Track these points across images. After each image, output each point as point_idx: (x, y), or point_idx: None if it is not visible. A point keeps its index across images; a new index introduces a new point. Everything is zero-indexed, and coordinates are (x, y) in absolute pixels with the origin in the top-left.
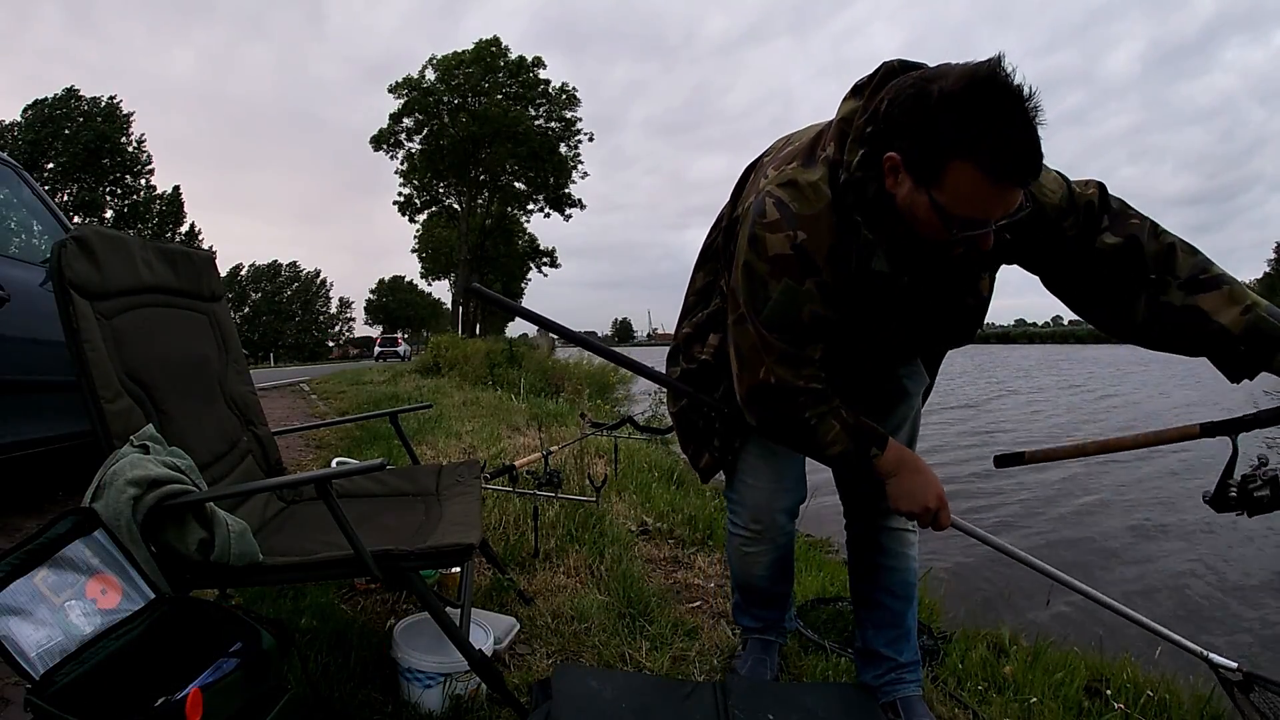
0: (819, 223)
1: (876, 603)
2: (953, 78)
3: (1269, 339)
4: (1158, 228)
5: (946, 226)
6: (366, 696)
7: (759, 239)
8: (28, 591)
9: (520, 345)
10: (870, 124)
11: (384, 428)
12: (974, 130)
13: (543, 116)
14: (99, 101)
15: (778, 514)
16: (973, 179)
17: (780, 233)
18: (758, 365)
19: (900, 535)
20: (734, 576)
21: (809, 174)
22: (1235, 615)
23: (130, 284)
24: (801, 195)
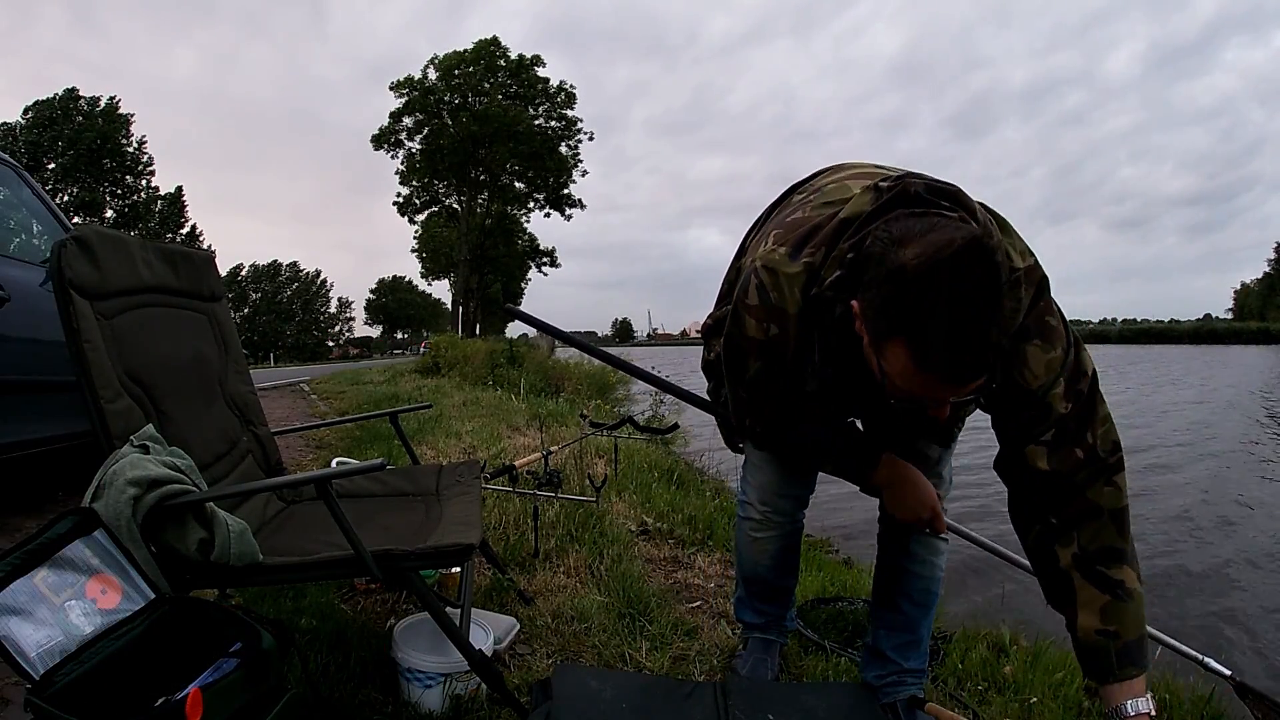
0: (786, 327)
1: (894, 605)
2: (916, 250)
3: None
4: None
5: (889, 396)
6: (366, 696)
7: (741, 316)
8: (28, 591)
9: (520, 345)
10: (853, 251)
11: (384, 428)
12: (912, 315)
13: (543, 116)
14: (99, 102)
15: (785, 500)
16: (905, 362)
17: (757, 321)
18: (744, 415)
19: (930, 541)
20: (740, 566)
21: (790, 268)
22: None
23: (130, 284)
24: (779, 288)
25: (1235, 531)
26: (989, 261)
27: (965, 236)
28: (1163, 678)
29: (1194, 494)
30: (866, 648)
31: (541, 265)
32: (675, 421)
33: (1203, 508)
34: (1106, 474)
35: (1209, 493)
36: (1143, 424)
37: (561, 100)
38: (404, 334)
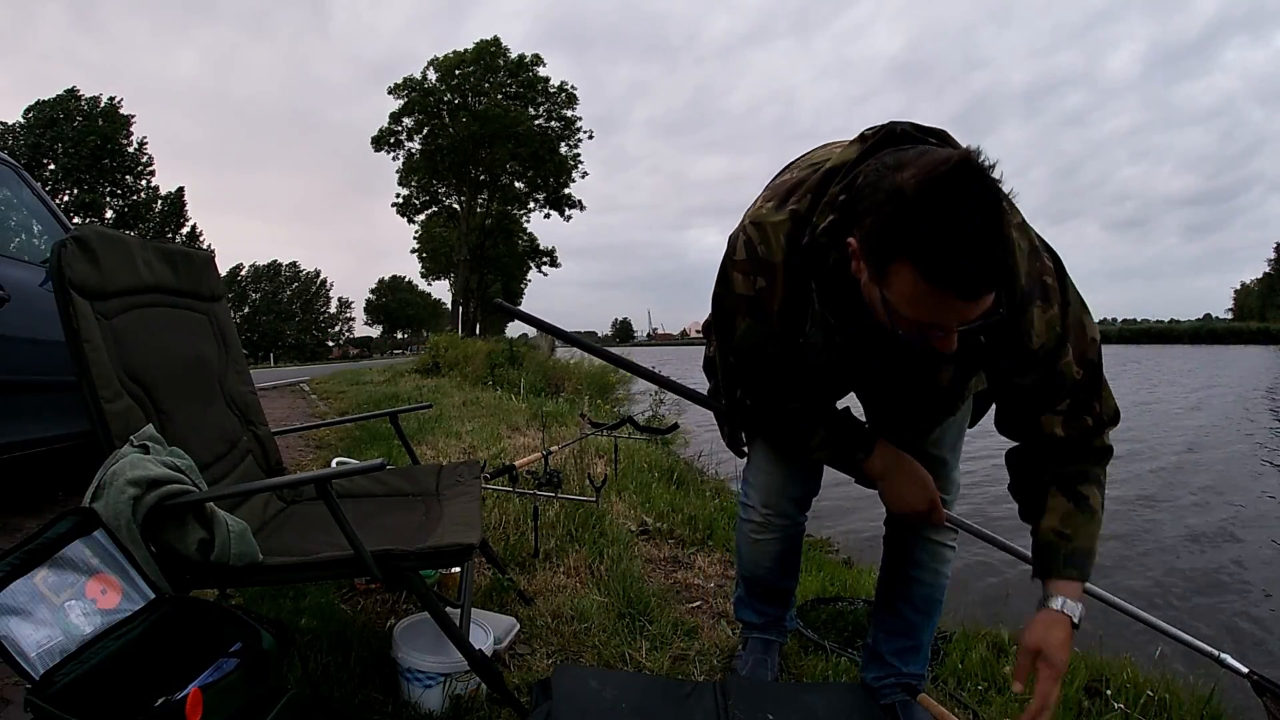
0: (776, 275)
1: (894, 610)
2: (913, 170)
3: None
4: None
5: (894, 327)
6: (366, 696)
7: (729, 275)
8: (28, 591)
9: (520, 345)
10: (845, 193)
11: (384, 428)
12: (916, 232)
13: (543, 116)
14: (99, 102)
15: (786, 501)
16: (914, 282)
17: (744, 275)
18: (734, 385)
19: (936, 549)
20: (741, 566)
21: (776, 216)
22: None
23: (130, 284)
24: (767, 240)
25: (1243, 530)
26: (985, 176)
27: (960, 154)
28: (1163, 678)
29: (1208, 492)
30: (866, 648)
31: (541, 265)
32: (675, 421)
33: (1212, 506)
34: (1104, 431)
35: (1221, 492)
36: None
37: (562, 100)
38: (404, 334)
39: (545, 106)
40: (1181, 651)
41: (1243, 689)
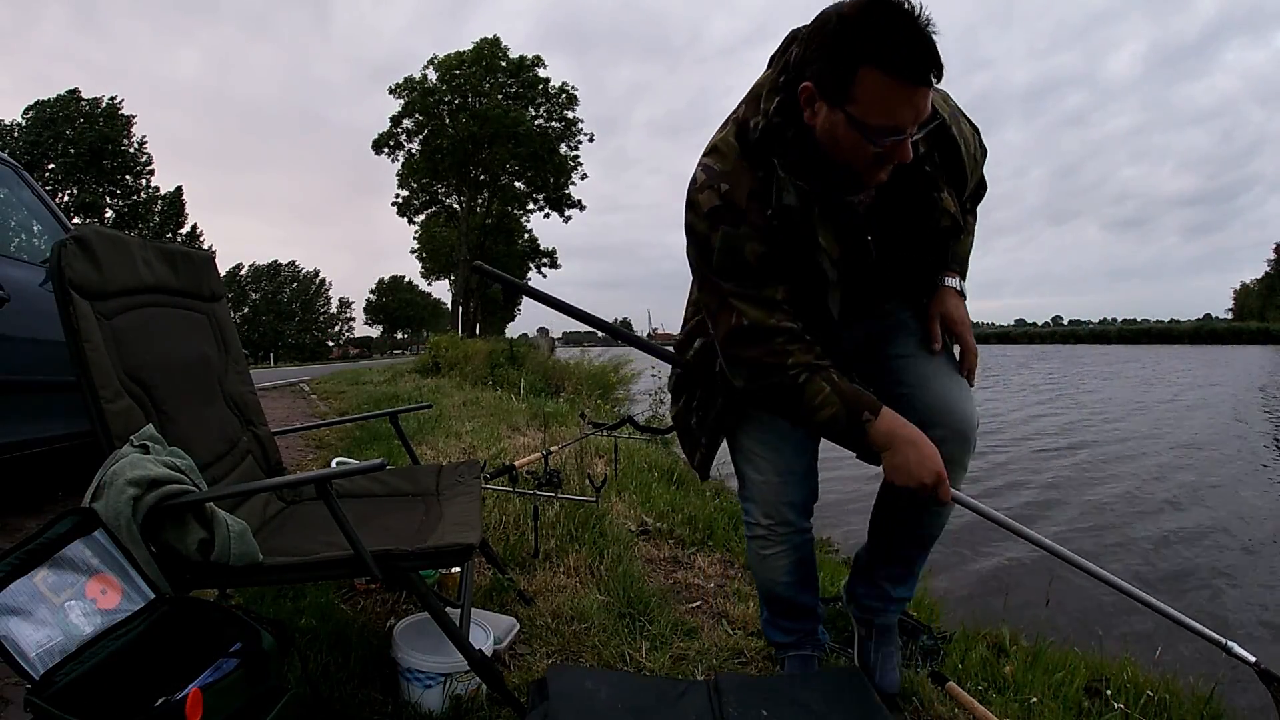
0: (736, 172)
1: (893, 538)
2: (847, 5)
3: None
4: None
5: (867, 138)
6: (366, 696)
7: (694, 202)
8: (28, 591)
9: (520, 345)
10: (782, 74)
11: (384, 428)
12: (873, 36)
13: (543, 116)
14: (99, 102)
15: (786, 508)
16: (880, 82)
17: (708, 190)
18: (727, 315)
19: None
20: (759, 586)
21: (720, 134)
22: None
23: (130, 284)
24: (719, 154)
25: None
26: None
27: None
28: (1163, 678)
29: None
30: (858, 564)
31: (541, 266)
32: None
33: (1193, 504)
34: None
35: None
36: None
37: (562, 101)
38: (404, 334)
39: (545, 107)
40: (1182, 651)
41: (1244, 688)
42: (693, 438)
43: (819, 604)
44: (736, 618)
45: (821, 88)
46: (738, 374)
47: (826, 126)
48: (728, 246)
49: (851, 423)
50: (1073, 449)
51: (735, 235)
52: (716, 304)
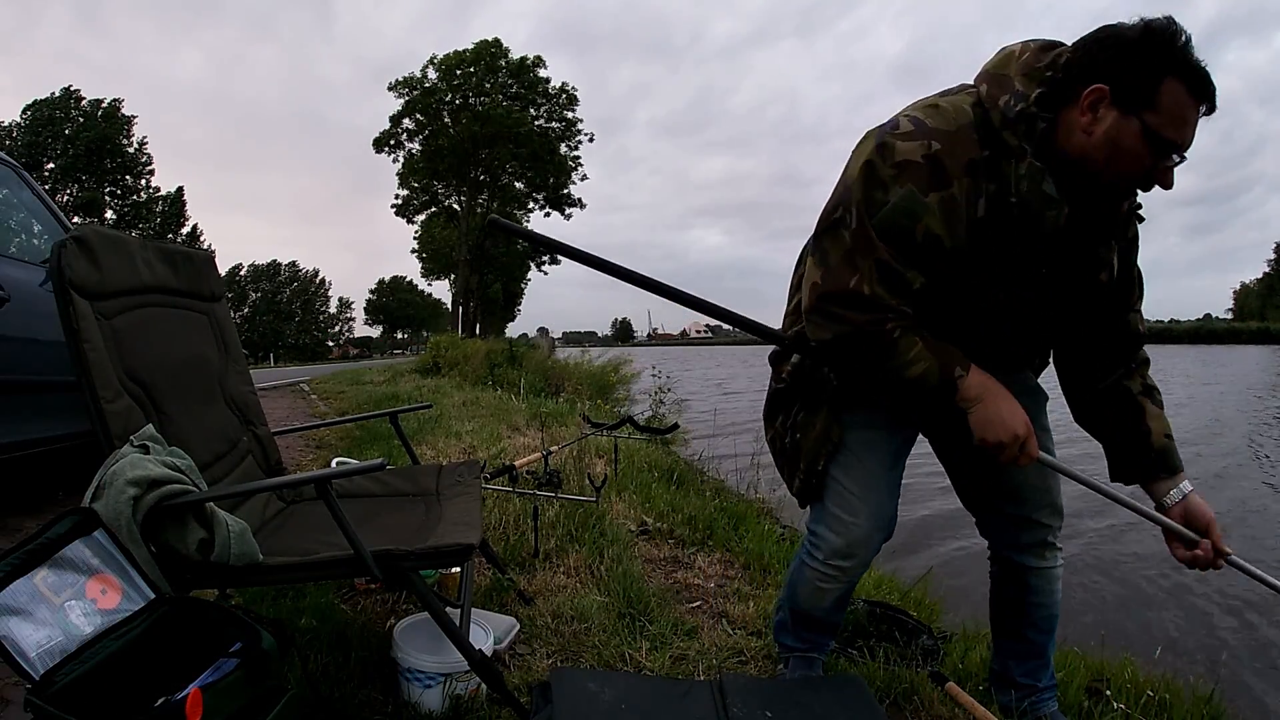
0: (959, 136)
1: (1020, 636)
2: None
3: (1165, 465)
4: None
5: (1153, 151)
6: (366, 696)
7: (888, 146)
8: (28, 591)
9: (520, 345)
10: (1051, 70)
11: (384, 428)
12: (1179, 51)
13: (543, 116)
14: (100, 103)
15: (864, 553)
16: (1180, 96)
17: (913, 142)
18: (848, 273)
19: (1048, 574)
20: (793, 601)
21: (951, 99)
22: None
23: (130, 284)
24: (940, 113)
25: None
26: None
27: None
28: (1163, 678)
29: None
30: (994, 674)
31: (541, 264)
32: (675, 421)
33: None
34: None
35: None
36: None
37: (563, 101)
38: (404, 334)
39: (545, 107)
40: (1182, 652)
41: (1244, 689)
42: (791, 462)
43: (842, 618)
44: (736, 618)
45: (1117, 92)
46: (827, 328)
47: (1111, 133)
48: (905, 208)
49: (943, 378)
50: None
51: (919, 202)
52: (841, 257)
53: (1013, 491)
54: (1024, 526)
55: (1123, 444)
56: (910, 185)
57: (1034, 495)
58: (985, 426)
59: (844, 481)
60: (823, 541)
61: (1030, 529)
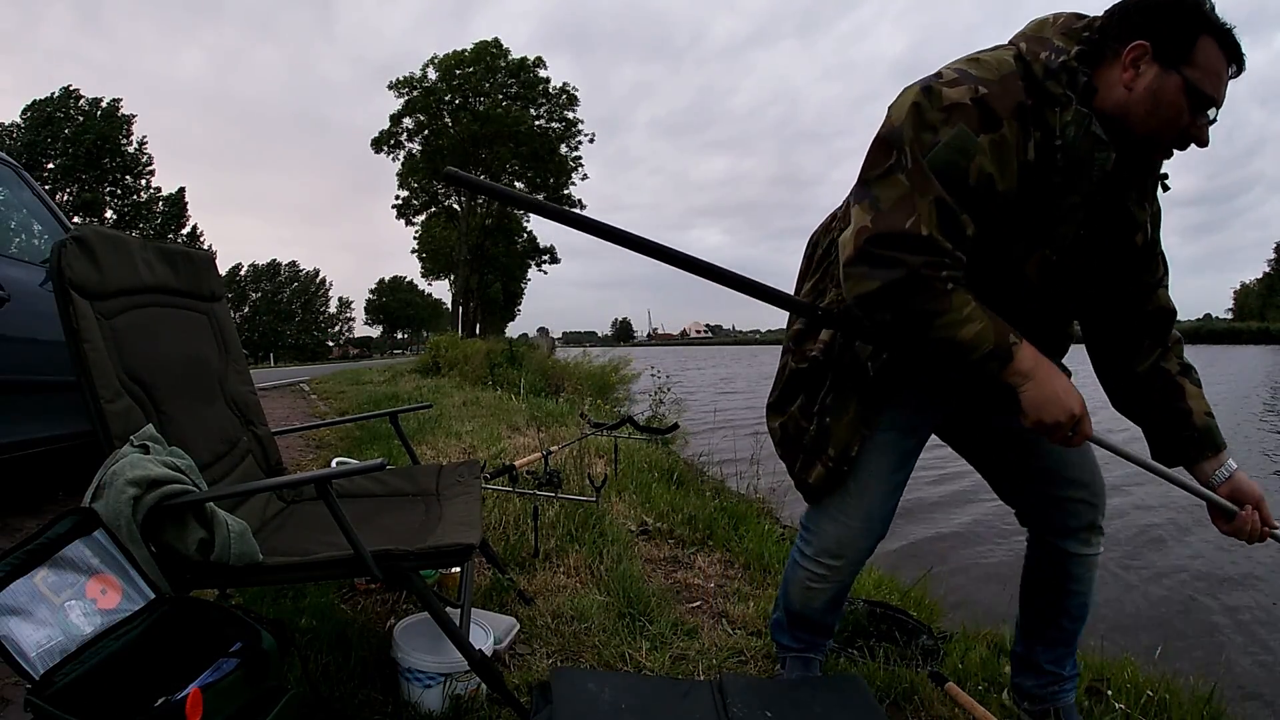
0: (1005, 82)
1: (1053, 623)
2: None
3: (1209, 444)
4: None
5: (1192, 106)
6: (366, 696)
7: (933, 90)
8: (28, 591)
9: (520, 345)
10: (1087, 30)
11: (384, 428)
12: (1209, 12)
13: (543, 116)
14: (99, 102)
15: (853, 554)
16: (1214, 53)
17: (960, 86)
18: (904, 214)
19: (1087, 560)
20: (787, 601)
21: (991, 53)
22: None
23: (130, 284)
24: (982, 64)
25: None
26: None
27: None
28: (1163, 678)
29: None
30: (1016, 657)
31: (541, 263)
32: (675, 421)
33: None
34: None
35: None
36: None
37: (563, 101)
38: (404, 334)
39: (546, 107)
40: (1182, 652)
41: (1244, 688)
42: (814, 449)
43: (838, 621)
44: (736, 618)
45: (1158, 47)
46: (876, 275)
47: (1152, 87)
48: (959, 146)
49: (998, 343)
50: None
51: (971, 141)
52: (898, 197)
53: (1056, 473)
54: (1071, 510)
55: (1164, 426)
56: (961, 125)
57: (1081, 475)
58: (1041, 405)
59: (852, 482)
60: (814, 538)
61: (1078, 512)
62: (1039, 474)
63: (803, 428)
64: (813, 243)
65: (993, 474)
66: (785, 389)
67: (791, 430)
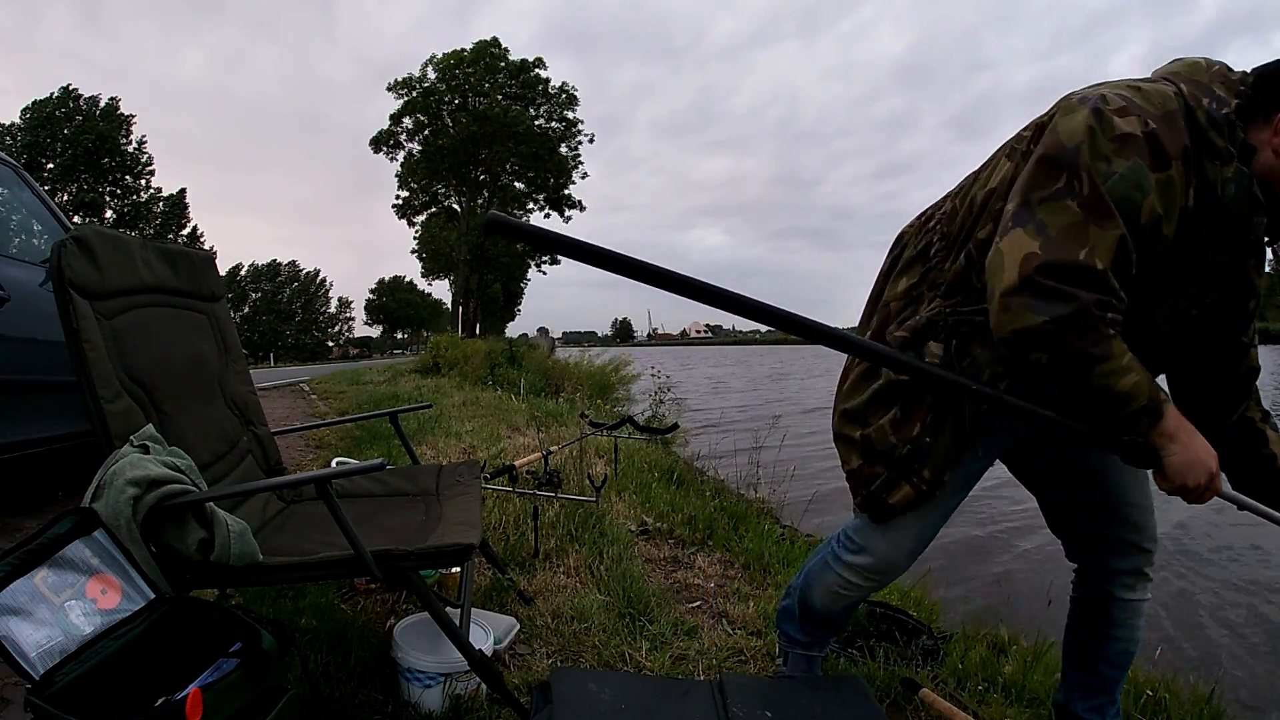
0: (1171, 121)
1: (1092, 669)
2: None
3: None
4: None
5: None
6: (366, 696)
7: (1105, 117)
8: (28, 591)
9: (520, 345)
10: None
11: (384, 428)
12: None
13: (543, 116)
14: (97, 101)
15: (898, 572)
16: None
17: (1131, 117)
18: (1077, 244)
19: (1134, 606)
20: (805, 597)
21: (1152, 85)
22: None
23: (130, 284)
24: (1146, 97)
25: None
26: None
27: None
28: (1163, 678)
29: None
30: (1057, 706)
31: (541, 263)
32: (675, 421)
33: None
34: None
35: None
36: None
37: (562, 101)
38: (404, 334)
39: (545, 107)
40: (1182, 651)
41: (1245, 688)
42: (901, 467)
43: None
44: (736, 618)
45: None
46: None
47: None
48: (1136, 181)
49: (1151, 398)
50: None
51: (1147, 177)
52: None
53: (1115, 514)
54: (1121, 551)
55: (1249, 472)
56: (1135, 158)
57: (1139, 518)
58: (1186, 470)
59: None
60: (861, 553)
61: (1127, 555)
62: (1098, 512)
63: (892, 444)
64: (901, 241)
65: (1052, 505)
66: (875, 399)
67: (877, 444)
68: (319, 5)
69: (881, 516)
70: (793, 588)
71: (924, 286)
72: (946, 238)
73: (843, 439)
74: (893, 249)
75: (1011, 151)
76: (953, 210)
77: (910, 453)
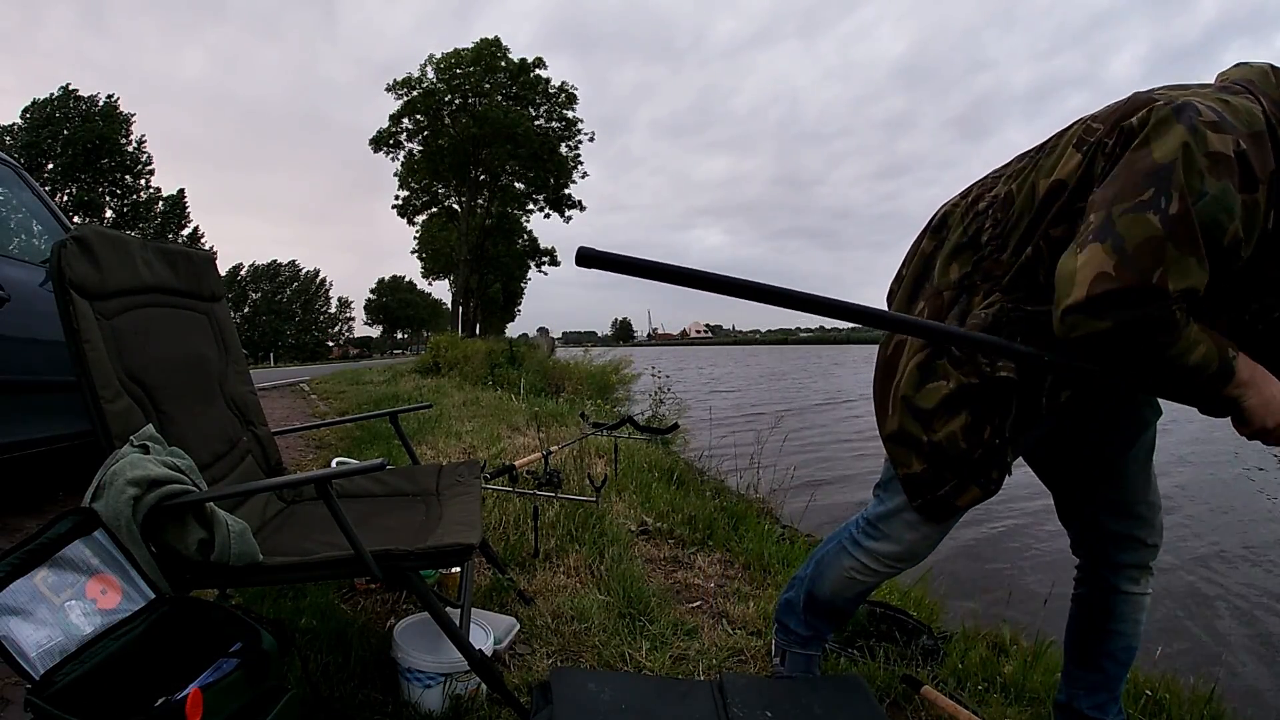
0: (1260, 141)
1: (1095, 665)
2: None
3: None
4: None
5: None
6: (366, 696)
7: (1200, 132)
8: (28, 591)
9: (520, 345)
10: None
11: (384, 428)
12: None
13: (543, 116)
14: (96, 101)
15: (917, 562)
16: None
17: (1224, 134)
18: (1151, 264)
19: (1137, 600)
20: (814, 585)
21: (1239, 99)
22: None
23: (130, 284)
24: (1234, 111)
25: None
26: None
27: None
28: (1163, 678)
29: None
30: (1059, 706)
31: (541, 264)
32: (675, 421)
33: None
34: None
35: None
36: None
37: (562, 101)
38: (404, 334)
39: (545, 107)
40: (1182, 651)
41: (1244, 689)
42: (973, 471)
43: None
44: (736, 617)
45: None
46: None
47: None
48: (1226, 205)
49: (1221, 360)
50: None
51: (1235, 200)
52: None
53: (1125, 507)
54: (1126, 545)
55: None
56: (1226, 180)
57: (1146, 513)
58: (1265, 411)
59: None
60: (885, 541)
61: (1132, 548)
62: (1109, 504)
63: (963, 449)
64: (945, 220)
65: (1065, 493)
66: (945, 403)
67: (948, 449)
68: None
69: (943, 517)
70: (798, 579)
71: (977, 277)
72: (1001, 225)
73: (904, 441)
74: (936, 228)
75: (1080, 143)
76: (1008, 196)
77: (984, 456)
